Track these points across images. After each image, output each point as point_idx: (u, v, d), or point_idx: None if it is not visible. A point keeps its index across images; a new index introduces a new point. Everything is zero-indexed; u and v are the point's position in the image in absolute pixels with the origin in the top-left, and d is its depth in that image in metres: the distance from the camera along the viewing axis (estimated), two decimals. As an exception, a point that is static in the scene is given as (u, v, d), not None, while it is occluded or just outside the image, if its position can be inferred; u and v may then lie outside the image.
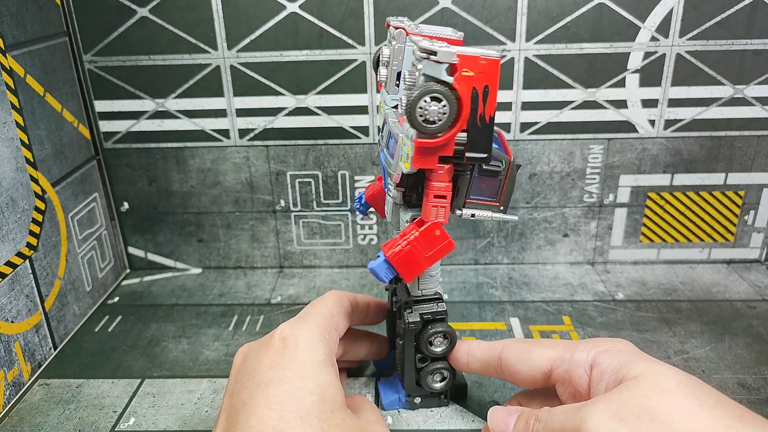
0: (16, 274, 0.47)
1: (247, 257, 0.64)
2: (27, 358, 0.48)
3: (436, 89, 0.31)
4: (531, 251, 0.63)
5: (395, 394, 0.44)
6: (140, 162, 0.60)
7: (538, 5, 0.53)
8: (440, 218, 0.36)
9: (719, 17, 0.53)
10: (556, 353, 0.36)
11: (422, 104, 0.31)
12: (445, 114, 0.31)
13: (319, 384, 0.33)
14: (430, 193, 0.35)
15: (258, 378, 0.34)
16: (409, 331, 0.40)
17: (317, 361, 0.35)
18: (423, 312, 0.40)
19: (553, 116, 0.57)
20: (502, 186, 0.36)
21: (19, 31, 0.48)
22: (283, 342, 0.36)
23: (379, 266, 0.36)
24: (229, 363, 0.49)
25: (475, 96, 0.32)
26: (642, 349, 0.36)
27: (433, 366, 0.41)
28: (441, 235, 0.36)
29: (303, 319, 0.38)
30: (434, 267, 0.39)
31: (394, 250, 0.36)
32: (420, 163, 0.33)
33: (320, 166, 0.60)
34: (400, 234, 0.37)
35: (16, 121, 0.47)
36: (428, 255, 0.36)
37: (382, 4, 0.53)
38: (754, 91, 0.55)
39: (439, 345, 0.40)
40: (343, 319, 0.40)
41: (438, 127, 0.32)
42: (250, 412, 0.32)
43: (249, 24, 0.54)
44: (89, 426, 0.43)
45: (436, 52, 0.30)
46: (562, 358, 0.36)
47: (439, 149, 0.33)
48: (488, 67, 0.31)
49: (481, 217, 0.37)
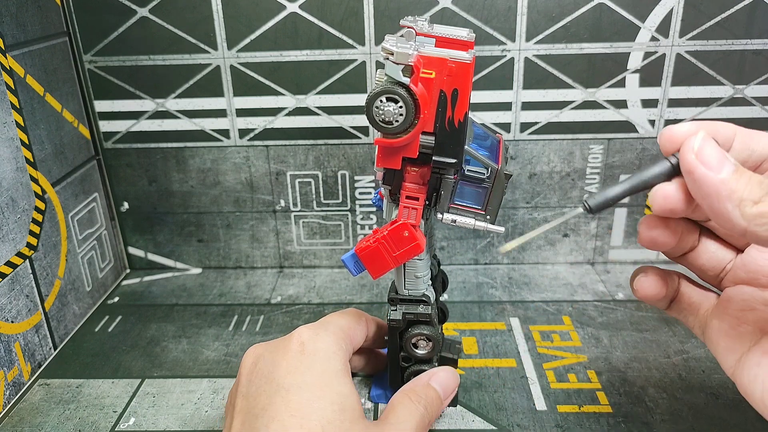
0: (16, 274, 0.47)
1: (247, 257, 0.64)
2: (27, 358, 0.48)
3: (390, 90, 0.31)
4: (531, 251, 0.63)
5: (383, 390, 0.44)
6: (140, 162, 0.60)
7: (538, 5, 0.53)
8: (411, 219, 0.36)
9: (719, 17, 0.53)
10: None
11: (378, 104, 0.31)
12: (402, 115, 0.31)
13: (339, 393, 0.33)
14: (403, 193, 0.36)
15: (277, 382, 0.33)
16: (392, 329, 0.40)
17: (336, 369, 0.35)
18: (406, 312, 0.39)
19: (553, 116, 0.57)
20: (488, 194, 0.35)
21: (19, 31, 0.48)
22: (302, 347, 0.35)
23: (347, 259, 0.37)
24: (229, 363, 0.49)
25: (443, 99, 0.32)
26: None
27: (418, 368, 0.41)
28: (409, 236, 0.36)
29: (322, 327, 0.37)
30: (420, 268, 0.39)
31: (363, 245, 0.36)
32: (383, 162, 0.34)
33: (320, 166, 0.60)
34: (373, 231, 0.37)
35: (16, 121, 0.47)
36: (395, 255, 0.36)
37: (382, 4, 0.53)
38: (754, 91, 0.55)
39: (423, 348, 0.40)
40: (359, 334, 0.40)
41: (395, 128, 0.32)
42: (270, 417, 0.32)
43: (249, 24, 0.54)
44: (89, 426, 0.43)
45: (393, 52, 0.30)
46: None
47: (401, 150, 0.33)
48: (457, 70, 0.31)
49: (462, 224, 0.36)
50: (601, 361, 0.48)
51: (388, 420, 0.36)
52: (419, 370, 0.41)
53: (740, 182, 0.26)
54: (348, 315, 0.40)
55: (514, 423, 0.42)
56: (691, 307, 0.33)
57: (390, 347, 0.41)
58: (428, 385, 0.39)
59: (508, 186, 0.36)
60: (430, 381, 0.39)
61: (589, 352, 0.49)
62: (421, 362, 0.41)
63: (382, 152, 0.33)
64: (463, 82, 0.32)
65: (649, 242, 0.31)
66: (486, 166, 0.35)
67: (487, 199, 0.36)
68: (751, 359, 0.29)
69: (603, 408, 0.43)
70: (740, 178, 0.26)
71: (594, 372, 0.47)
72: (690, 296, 0.33)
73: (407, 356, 0.41)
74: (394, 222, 0.36)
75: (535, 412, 0.43)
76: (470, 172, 0.35)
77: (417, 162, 0.34)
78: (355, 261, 0.37)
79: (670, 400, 0.44)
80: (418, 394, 0.38)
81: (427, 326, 0.40)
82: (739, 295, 0.30)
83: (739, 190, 0.26)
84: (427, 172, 0.35)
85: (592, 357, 0.49)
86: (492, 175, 0.35)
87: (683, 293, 0.33)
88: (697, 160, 0.27)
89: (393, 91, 0.31)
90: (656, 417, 0.42)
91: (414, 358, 0.41)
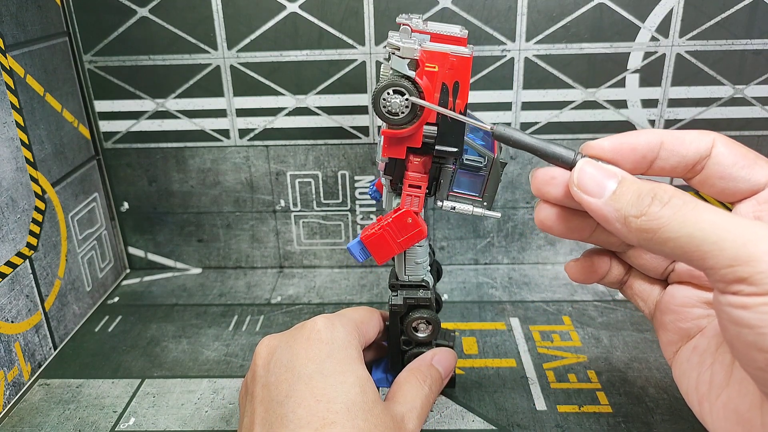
0: (16, 274, 0.47)
1: (247, 257, 0.64)
2: (27, 358, 0.48)
3: (397, 83, 0.33)
4: (531, 251, 0.63)
5: (384, 374, 0.45)
6: (140, 162, 0.60)
7: (538, 5, 0.53)
8: (414, 207, 0.38)
9: (719, 17, 0.53)
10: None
11: (385, 96, 0.33)
12: (407, 107, 0.33)
13: (359, 377, 0.34)
14: (406, 182, 0.37)
15: (297, 370, 0.34)
16: (393, 314, 0.42)
17: (353, 356, 0.36)
18: (407, 297, 0.41)
19: (553, 116, 0.57)
20: (485, 182, 0.37)
21: (19, 31, 0.48)
22: (319, 335, 0.36)
23: (353, 246, 0.38)
24: (229, 363, 0.49)
25: (445, 91, 0.33)
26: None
27: (418, 350, 0.43)
28: (413, 223, 0.38)
29: (337, 318, 0.38)
30: (420, 255, 0.40)
31: (368, 232, 0.38)
32: (389, 152, 0.35)
33: (320, 166, 0.60)
34: (378, 219, 0.39)
35: (16, 121, 0.47)
36: (399, 241, 0.38)
37: (382, 4, 0.53)
38: (754, 91, 0.55)
39: (423, 331, 0.42)
40: (372, 330, 0.41)
41: (401, 119, 0.33)
42: (296, 404, 0.32)
43: (249, 24, 0.54)
44: (89, 426, 0.43)
45: (399, 48, 0.32)
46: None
47: (405, 140, 0.35)
48: (458, 64, 0.33)
49: (461, 211, 0.38)
50: (601, 361, 0.48)
51: (397, 399, 0.38)
52: (419, 352, 0.43)
53: (622, 199, 0.26)
54: (361, 310, 0.42)
55: (514, 423, 0.42)
56: (640, 294, 0.34)
57: (391, 332, 0.43)
58: (431, 365, 0.41)
59: (503, 173, 0.38)
60: (432, 361, 0.42)
61: (589, 352, 0.49)
62: (421, 345, 0.43)
63: (388, 142, 0.35)
64: (464, 75, 0.33)
65: (539, 224, 0.32)
66: (483, 155, 0.37)
67: (483, 186, 0.38)
68: (683, 354, 0.31)
69: (603, 408, 0.43)
70: (623, 194, 0.26)
71: (594, 372, 0.47)
72: (639, 285, 0.34)
73: (408, 340, 0.43)
74: (398, 210, 0.38)
75: (535, 412, 0.43)
76: (468, 161, 0.37)
77: (419, 152, 0.36)
78: (360, 248, 0.38)
79: (671, 400, 0.44)
80: (424, 374, 0.40)
81: (427, 310, 0.42)
82: (681, 291, 0.31)
83: (622, 208, 0.26)
84: (429, 161, 0.37)
85: (592, 357, 0.49)
86: (489, 164, 0.37)
87: (632, 281, 0.34)
88: (579, 190, 0.28)
89: (399, 83, 0.33)
90: (656, 417, 0.42)
91: (414, 341, 0.42)
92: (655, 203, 0.25)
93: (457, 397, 0.45)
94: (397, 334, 0.42)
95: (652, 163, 0.29)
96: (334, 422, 0.31)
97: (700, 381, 0.29)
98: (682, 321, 0.31)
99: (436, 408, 0.43)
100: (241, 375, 0.48)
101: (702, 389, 0.29)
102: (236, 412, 0.44)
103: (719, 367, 0.28)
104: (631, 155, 0.29)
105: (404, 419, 0.37)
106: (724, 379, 0.28)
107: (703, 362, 0.29)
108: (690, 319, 0.31)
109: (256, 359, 0.37)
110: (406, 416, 0.37)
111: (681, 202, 0.25)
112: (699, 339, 0.30)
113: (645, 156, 0.29)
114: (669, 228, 0.24)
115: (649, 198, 0.26)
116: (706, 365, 0.29)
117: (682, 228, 0.24)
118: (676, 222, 0.24)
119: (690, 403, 0.30)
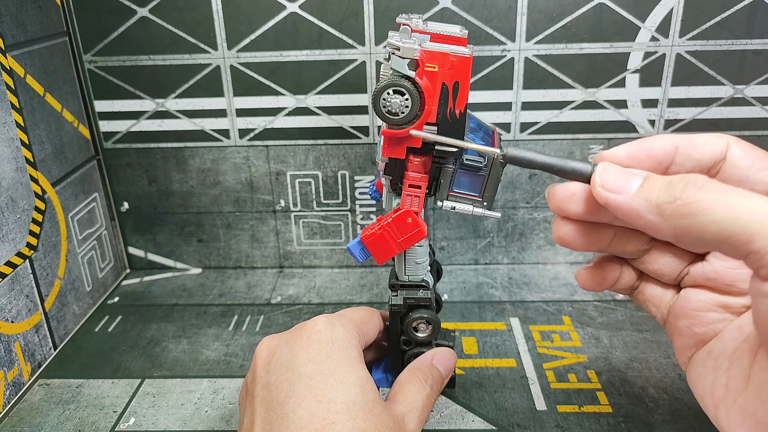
0: (16, 274, 0.47)
1: (247, 257, 0.64)
2: (27, 358, 0.48)
3: (397, 83, 0.33)
4: (531, 251, 0.63)
5: (384, 374, 0.45)
6: (140, 162, 0.60)
7: (538, 5, 0.53)
8: (414, 207, 0.38)
9: (719, 17, 0.53)
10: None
11: (385, 96, 0.33)
12: (407, 107, 0.33)
13: (359, 377, 0.34)
14: (406, 182, 0.37)
15: (298, 370, 0.34)
16: (393, 314, 0.42)
17: (353, 357, 0.36)
18: (407, 297, 0.41)
19: (553, 116, 0.57)
20: (485, 182, 0.37)
21: (19, 31, 0.48)
22: (319, 335, 0.36)
23: (354, 246, 0.38)
24: (229, 363, 0.49)
25: (444, 91, 0.33)
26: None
27: (418, 350, 0.43)
28: (412, 223, 0.38)
29: (337, 318, 0.38)
30: (420, 255, 0.40)
31: (368, 232, 0.38)
32: (389, 152, 0.35)
33: (320, 166, 0.60)
34: (378, 219, 0.39)
35: (16, 121, 0.47)
36: (399, 241, 0.38)
37: (382, 4, 0.53)
38: (754, 91, 0.55)
39: (423, 331, 0.42)
40: (372, 330, 0.41)
41: (401, 119, 0.33)
42: (296, 404, 0.32)
43: (249, 24, 0.54)
44: (89, 426, 0.43)
45: (399, 48, 0.32)
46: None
47: (405, 140, 0.35)
48: (458, 64, 0.33)
49: (461, 211, 0.38)
50: (601, 361, 0.48)
51: (398, 399, 0.38)
52: (419, 352, 0.43)
53: (653, 189, 0.26)
54: (361, 310, 0.42)
55: (514, 423, 0.42)
56: (653, 300, 0.33)
57: (391, 332, 0.43)
58: (432, 365, 0.41)
59: (503, 173, 0.38)
60: (433, 361, 0.42)
61: (589, 352, 0.49)
62: (421, 345, 0.43)
63: (388, 142, 0.35)
64: (464, 75, 0.33)
65: (558, 240, 0.32)
66: (483, 155, 0.37)
67: (483, 186, 0.37)
68: (698, 358, 0.30)
69: (603, 408, 0.43)
70: (652, 186, 0.26)
71: (594, 372, 0.47)
72: (651, 290, 0.33)
73: (408, 340, 0.43)
74: (398, 210, 0.38)
75: (535, 412, 0.43)
76: (468, 161, 0.37)
77: (419, 152, 0.36)
78: (360, 248, 0.38)
79: (671, 400, 0.44)
80: (425, 374, 0.40)
81: (427, 310, 0.41)
82: (696, 295, 0.31)
83: (653, 197, 0.26)
84: (429, 161, 0.37)
85: (592, 357, 0.49)
86: (489, 164, 0.37)
87: (644, 287, 0.34)
88: (605, 191, 0.27)
89: (399, 83, 0.33)
90: (656, 417, 0.42)
91: (414, 341, 0.42)
92: (690, 187, 0.24)
93: (457, 397, 0.45)
94: (397, 334, 0.42)
95: (667, 169, 0.29)
96: (335, 422, 0.31)
97: (715, 385, 0.29)
98: (697, 325, 0.30)
99: (436, 408, 0.43)
100: (241, 375, 0.48)
101: (718, 393, 0.28)
102: (236, 412, 0.44)
103: (737, 371, 0.28)
104: (648, 162, 0.29)
105: (405, 419, 0.37)
106: (742, 383, 0.27)
107: (719, 366, 0.29)
108: (705, 323, 0.30)
109: (256, 359, 0.37)
110: (406, 416, 0.37)
111: (717, 185, 0.24)
112: (715, 343, 0.30)
113: (661, 162, 0.29)
114: (712, 210, 0.23)
115: (682, 183, 0.25)
116: (723, 369, 0.29)
117: (729, 210, 0.22)
118: (720, 204, 0.23)
119: (705, 407, 0.30)
